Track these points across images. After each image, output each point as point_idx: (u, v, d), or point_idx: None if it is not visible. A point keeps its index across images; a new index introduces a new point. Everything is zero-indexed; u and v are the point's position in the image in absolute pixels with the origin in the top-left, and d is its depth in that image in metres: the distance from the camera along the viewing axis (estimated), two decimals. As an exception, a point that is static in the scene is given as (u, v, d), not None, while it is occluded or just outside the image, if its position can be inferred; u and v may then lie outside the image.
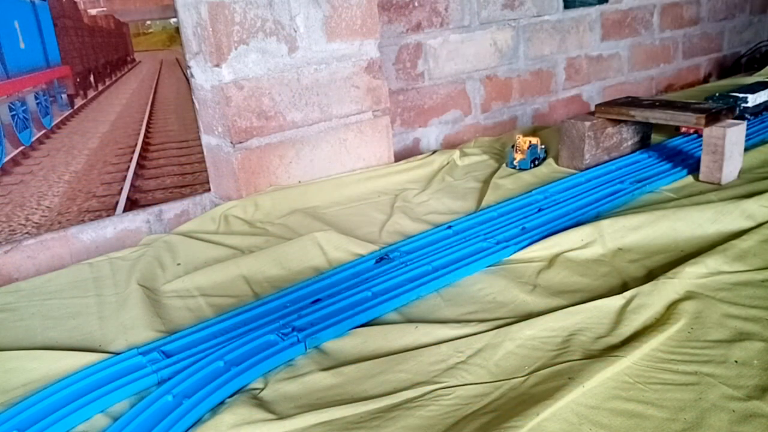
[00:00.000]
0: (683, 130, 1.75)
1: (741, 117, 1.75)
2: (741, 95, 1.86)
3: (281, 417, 0.77)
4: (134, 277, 1.17)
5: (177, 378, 0.85)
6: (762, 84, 2.00)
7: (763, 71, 2.59)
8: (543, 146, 1.68)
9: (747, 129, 1.48)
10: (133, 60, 1.43)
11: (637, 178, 1.47)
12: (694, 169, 1.49)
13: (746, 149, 1.50)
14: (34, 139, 1.33)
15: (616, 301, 0.96)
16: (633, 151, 1.69)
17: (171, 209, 1.53)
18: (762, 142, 1.67)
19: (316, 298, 1.04)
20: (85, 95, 1.40)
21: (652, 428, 0.71)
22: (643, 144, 1.72)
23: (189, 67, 1.50)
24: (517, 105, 2.22)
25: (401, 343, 0.92)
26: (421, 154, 1.85)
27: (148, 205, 1.50)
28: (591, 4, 2.32)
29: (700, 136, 1.56)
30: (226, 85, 1.40)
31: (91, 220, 1.42)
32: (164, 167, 1.52)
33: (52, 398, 0.83)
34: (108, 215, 1.44)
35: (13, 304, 1.15)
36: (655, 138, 1.75)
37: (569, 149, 1.61)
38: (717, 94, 1.88)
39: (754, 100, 1.85)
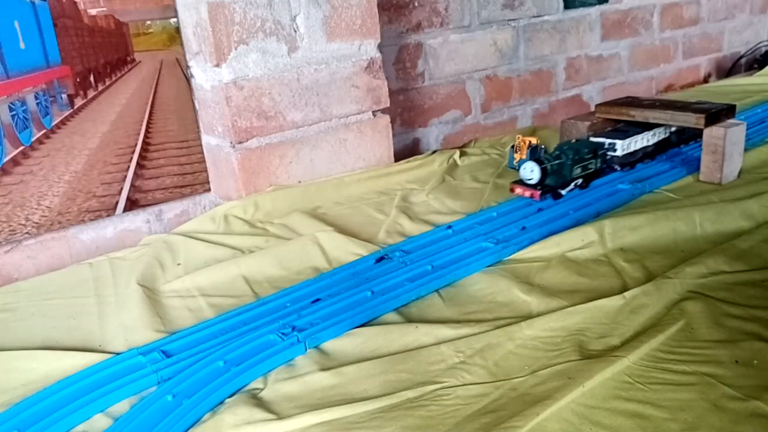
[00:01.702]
0: (517, 191, 1.39)
1: (608, 168, 1.50)
2: (609, 141, 1.48)
3: (281, 417, 0.77)
4: (134, 277, 1.17)
5: (177, 378, 0.85)
6: (634, 126, 1.56)
7: (763, 71, 2.59)
8: (543, 146, 1.68)
9: (747, 129, 1.48)
10: (133, 60, 1.43)
11: (638, 178, 1.47)
12: (694, 169, 1.49)
13: (746, 149, 1.50)
14: (34, 139, 1.33)
15: (616, 301, 0.96)
16: (633, 151, 1.69)
17: (171, 209, 1.53)
18: (762, 142, 1.67)
19: (316, 298, 1.04)
20: (85, 95, 1.39)
21: (652, 428, 0.71)
22: (643, 144, 1.72)
23: (189, 67, 1.50)
24: (517, 105, 2.22)
25: (401, 342, 0.92)
26: (421, 154, 1.85)
27: (148, 205, 1.50)
28: (591, 4, 2.32)
29: (536, 200, 1.35)
30: (226, 85, 1.40)
31: (91, 220, 1.42)
32: (164, 167, 1.51)
33: (52, 398, 0.83)
34: (108, 215, 1.44)
35: (13, 304, 1.15)
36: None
37: (569, 149, 1.61)
38: (575, 140, 1.49)
39: (625, 146, 1.50)
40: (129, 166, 1.46)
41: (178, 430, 0.76)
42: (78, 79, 1.37)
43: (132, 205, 1.47)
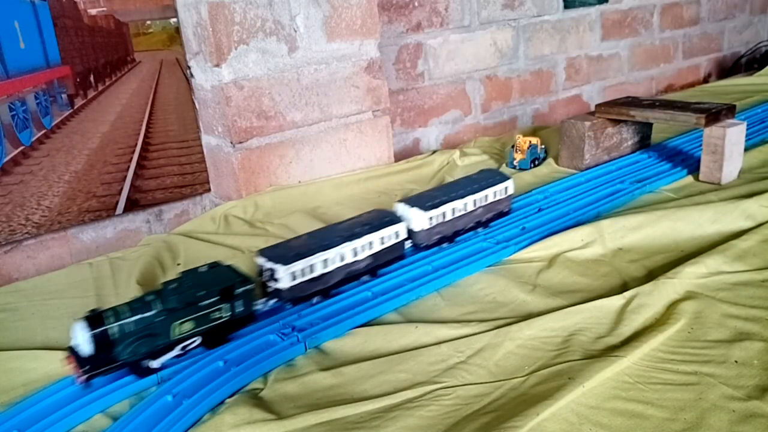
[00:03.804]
0: (69, 365, 0.83)
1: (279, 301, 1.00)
2: (268, 265, 1.00)
3: (281, 417, 0.77)
4: (134, 277, 1.17)
5: (177, 378, 0.85)
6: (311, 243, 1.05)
7: (763, 71, 2.59)
8: (543, 146, 1.68)
9: (747, 129, 1.48)
10: (133, 60, 1.43)
11: (637, 178, 1.47)
12: (694, 169, 1.49)
13: (746, 149, 1.50)
14: (34, 139, 1.33)
15: (616, 301, 0.96)
16: (633, 151, 1.69)
17: (171, 209, 1.53)
18: (762, 142, 1.66)
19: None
20: (85, 95, 1.39)
21: (652, 428, 0.71)
22: (643, 144, 1.72)
23: (189, 67, 1.50)
24: (517, 105, 2.22)
25: (401, 343, 0.92)
26: (421, 154, 1.85)
27: (148, 205, 1.50)
28: (591, 4, 2.32)
29: (83, 386, 0.82)
30: (226, 85, 1.40)
31: (91, 220, 1.42)
32: (164, 167, 1.52)
33: (52, 398, 0.83)
34: (108, 215, 1.44)
35: (13, 304, 1.15)
36: (655, 138, 1.75)
37: (569, 149, 1.61)
38: (205, 266, 0.94)
39: (296, 273, 0.99)
40: (129, 166, 1.46)
41: (178, 430, 0.76)
42: (78, 79, 1.37)
43: (132, 205, 1.47)
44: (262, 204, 1.46)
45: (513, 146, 1.67)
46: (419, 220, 1.15)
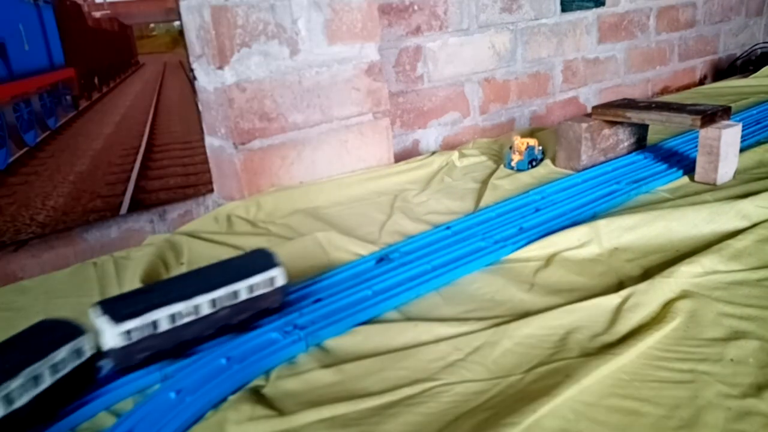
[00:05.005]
0: None
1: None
2: None
3: (283, 413, 0.78)
4: (138, 276, 1.18)
5: (180, 375, 0.86)
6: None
7: (758, 73, 2.61)
8: (540, 147, 1.70)
9: (742, 130, 1.49)
10: (137, 62, 1.44)
11: (633, 179, 1.48)
12: (689, 169, 1.50)
13: (741, 150, 1.51)
14: (38, 140, 1.34)
15: (613, 300, 0.97)
16: (629, 152, 1.70)
17: (174, 209, 1.55)
18: (757, 143, 1.68)
19: (317, 297, 1.05)
20: (90, 97, 1.40)
21: (648, 425, 0.72)
22: (639, 145, 1.73)
23: (192, 69, 1.51)
24: (515, 107, 2.24)
25: (401, 340, 0.93)
26: (420, 155, 1.87)
27: (152, 205, 1.51)
28: (588, 8, 2.33)
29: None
30: (228, 87, 1.41)
31: (96, 219, 1.43)
32: (168, 168, 1.53)
33: (58, 395, 0.84)
34: (112, 215, 1.45)
35: (18, 302, 1.16)
36: (651, 139, 1.76)
37: (566, 150, 1.62)
38: None
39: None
40: (133, 167, 1.47)
41: (181, 427, 0.77)
42: (82, 81, 1.39)
43: (136, 205, 1.48)
44: (264, 204, 1.47)
45: (511, 147, 1.68)
46: (110, 334, 0.81)
